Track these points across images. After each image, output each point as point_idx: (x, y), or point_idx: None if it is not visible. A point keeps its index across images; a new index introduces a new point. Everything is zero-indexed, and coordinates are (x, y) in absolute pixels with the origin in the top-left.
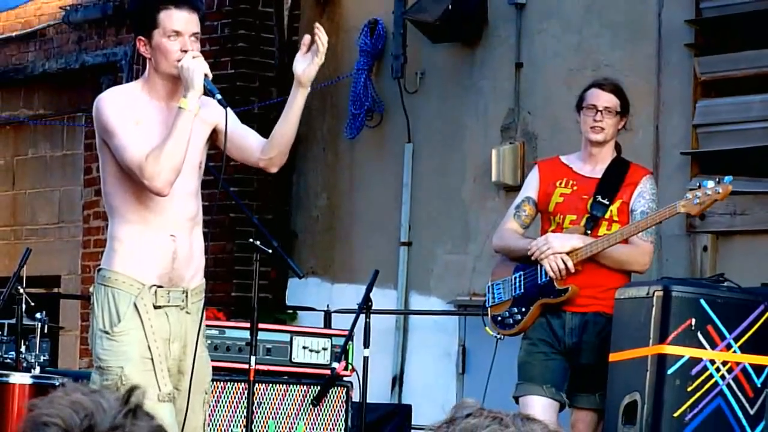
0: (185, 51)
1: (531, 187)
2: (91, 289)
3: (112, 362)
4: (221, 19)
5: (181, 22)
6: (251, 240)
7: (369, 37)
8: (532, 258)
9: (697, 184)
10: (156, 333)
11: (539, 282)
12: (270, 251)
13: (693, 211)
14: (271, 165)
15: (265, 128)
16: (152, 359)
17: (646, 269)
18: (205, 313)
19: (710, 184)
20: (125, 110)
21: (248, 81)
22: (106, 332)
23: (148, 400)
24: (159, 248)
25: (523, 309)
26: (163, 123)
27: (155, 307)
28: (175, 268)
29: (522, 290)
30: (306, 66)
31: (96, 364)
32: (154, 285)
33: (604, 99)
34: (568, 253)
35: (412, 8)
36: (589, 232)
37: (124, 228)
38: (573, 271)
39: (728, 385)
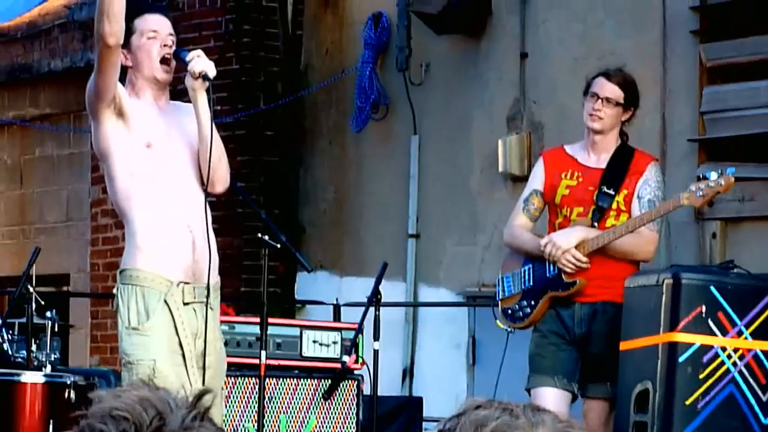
0: (166, 45)
1: (537, 180)
2: (114, 290)
3: (143, 355)
4: (225, 15)
5: (157, 22)
6: (259, 235)
7: (373, 30)
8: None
9: (701, 176)
10: (187, 329)
11: (548, 275)
12: (278, 246)
13: (696, 204)
14: (210, 184)
15: (270, 125)
16: (184, 355)
17: (652, 258)
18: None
19: (713, 175)
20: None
21: (253, 76)
22: (135, 328)
23: None
24: (179, 241)
25: (533, 302)
26: (156, 116)
27: (184, 304)
28: (196, 260)
29: (531, 283)
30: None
31: (125, 360)
32: (182, 282)
33: (607, 89)
34: (577, 247)
35: (416, 0)
36: (596, 224)
37: (141, 227)
38: (587, 264)
39: (740, 372)
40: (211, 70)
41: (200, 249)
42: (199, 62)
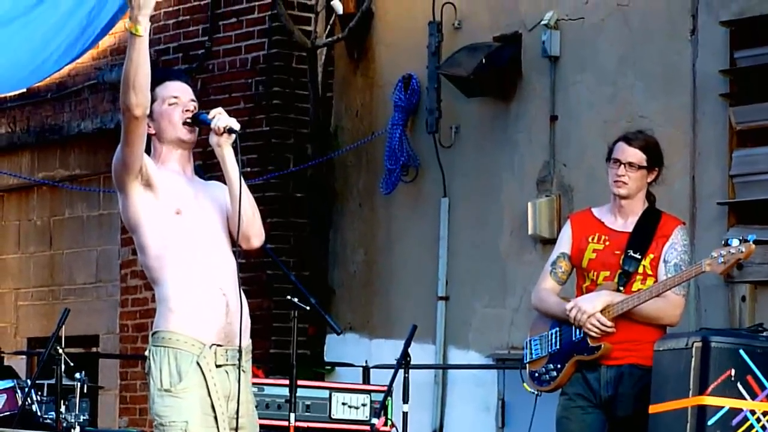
0: (188, 110)
1: (564, 243)
2: (146, 352)
3: (176, 417)
4: (255, 76)
5: (177, 89)
6: (289, 297)
7: (403, 92)
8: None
9: (723, 242)
10: (219, 391)
11: (573, 339)
12: (308, 308)
13: (718, 270)
14: (243, 239)
15: (300, 187)
16: (216, 417)
17: (677, 323)
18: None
19: (735, 242)
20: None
21: (283, 138)
22: (167, 390)
23: None
24: (212, 303)
25: (559, 366)
26: (183, 183)
27: (216, 366)
28: (229, 322)
29: (558, 346)
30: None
31: (156, 422)
32: (214, 344)
33: (629, 154)
34: (602, 311)
35: (445, 63)
36: (622, 288)
37: (175, 290)
38: (612, 329)
39: None
40: (235, 124)
41: (233, 311)
42: (222, 118)
